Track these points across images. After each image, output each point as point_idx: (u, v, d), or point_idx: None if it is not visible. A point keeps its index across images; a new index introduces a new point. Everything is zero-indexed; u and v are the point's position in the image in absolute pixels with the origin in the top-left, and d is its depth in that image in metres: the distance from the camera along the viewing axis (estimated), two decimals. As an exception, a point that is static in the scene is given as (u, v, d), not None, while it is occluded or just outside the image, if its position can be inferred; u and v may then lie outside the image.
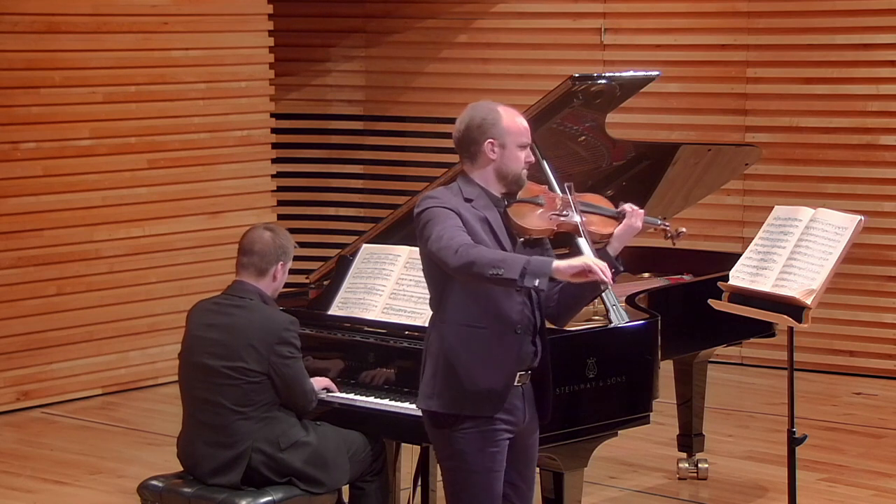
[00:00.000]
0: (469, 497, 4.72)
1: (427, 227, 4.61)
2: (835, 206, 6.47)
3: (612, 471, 7.32)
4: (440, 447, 4.78)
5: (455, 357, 4.65)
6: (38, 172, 8.72)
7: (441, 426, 4.72)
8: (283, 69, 10.32)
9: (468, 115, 4.72)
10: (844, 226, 5.36)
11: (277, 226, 5.55)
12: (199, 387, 5.40)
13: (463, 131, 4.71)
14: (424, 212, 4.65)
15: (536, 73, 9.98)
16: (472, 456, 4.69)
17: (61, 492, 7.21)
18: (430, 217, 4.61)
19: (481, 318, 4.65)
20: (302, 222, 10.79)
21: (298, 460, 5.32)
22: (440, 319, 4.71)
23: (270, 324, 5.33)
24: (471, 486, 4.71)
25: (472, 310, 4.65)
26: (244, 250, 5.43)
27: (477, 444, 4.68)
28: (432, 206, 4.64)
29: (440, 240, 4.54)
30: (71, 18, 8.82)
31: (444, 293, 4.68)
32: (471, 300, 4.64)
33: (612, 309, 5.52)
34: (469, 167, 4.75)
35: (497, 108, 4.73)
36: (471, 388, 4.65)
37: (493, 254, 4.52)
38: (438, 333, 4.70)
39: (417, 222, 4.68)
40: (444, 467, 4.79)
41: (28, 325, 8.74)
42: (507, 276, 4.44)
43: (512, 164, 4.72)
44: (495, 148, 4.69)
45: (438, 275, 4.66)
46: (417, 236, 4.70)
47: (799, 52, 9.56)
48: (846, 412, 8.64)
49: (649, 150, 6.68)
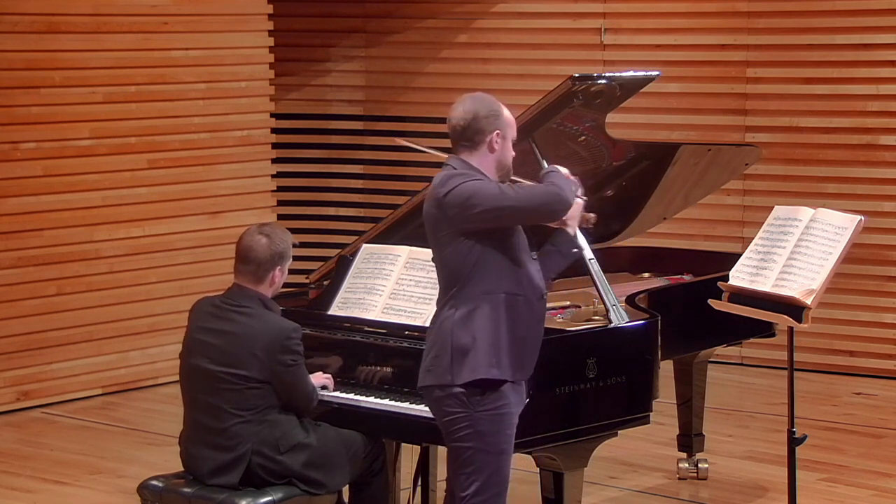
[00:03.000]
0: (485, 479, 4.78)
1: (478, 195, 4.71)
2: (835, 206, 6.47)
3: (612, 471, 7.32)
4: (460, 428, 4.80)
5: (502, 325, 4.77)
6: (38, 172, 8.72)
7: (467, 405, 4.77)
8: (283, 69, 10.32)
9: (473, 106, 4.85)
10: (844, 226, 5.37)
11: (274, 227, 5.50)
12: (199, 388, 5.39)
13: (470, 121, 4.83)
14: (458, 188, 4.73)
15: (536, 73, 9.98)
16: (493, 436, 4.78)
17: (61, 492, 7.21)
18: (476, 188, 4.73)
19: (517, 286, 4.81)
20: (302, 222, 10.79)
21: (298, 463, 5.31)
22: (481, 291, 4.77)
23: (273, 332, 5.31)
24: (488, 468, 4.78)
25: (509, 279, 4.79)
26: (241, 258, 5.40)
27: (498, 425, 4.79)
28: (466, 181, 4.75)
29: (514, 192, 4.75)
30: (71, 18, 8.82)
31: (475, 268, 4.77)
32: (506, 270, 4.79)
33: (612, 309, 5.52)
34: (467, 154, 4.86)
35: (496, 101, 4.91)
36: (516, 353, 4.79)
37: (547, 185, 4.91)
38: (478, 306, 4.77)
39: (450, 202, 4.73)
40: (459, 449, 4.82)
41: (28, 325, 8.74)
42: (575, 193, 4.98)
43: (508, 155, 4.91)
44: (499, 139, 4.85)
45: (470, 249, 4.75)
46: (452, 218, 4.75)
47: (799, 52, 9.56)
48: (846, 412, 8.64)
49: (649, 150, 6.68)
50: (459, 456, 4.83)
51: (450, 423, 4.83)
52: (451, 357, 4.78)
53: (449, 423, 4.83)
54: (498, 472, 4.82)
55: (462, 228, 4.76)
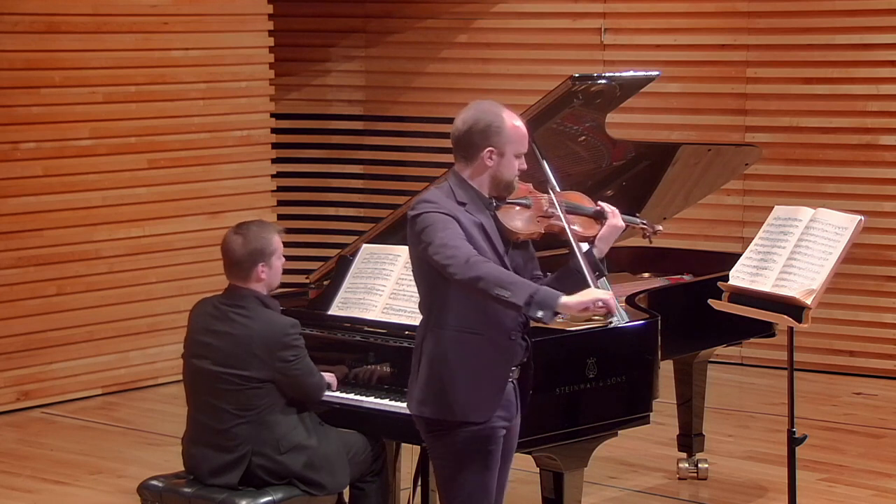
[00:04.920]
0: (466, 496, 4.69)
1: (427, 232, 4.56)
2: (835, 206, 6.46)
3: (612, 471, 7.32)
4: (435, 449, 4.75)
5: (450, 363, 4.62)
6: (38, 172, 8.72)
7: (435, 431, 4.70)
8: (283, 69, 10.32)
9: (472, 117, 4.66)
10: (844, 226, 5.36)
11: (251, 225, 5.44)
12: (201, 390, 5.40)
13: (464, 132, 4.66)
14: (421, 216, 4.59)
15: (536, 73, 9.97)
16: (470, 457, 4.67)
17: (61, 492, 7.21)
18: (430, 222, 4.57)
19: (478, 325, 4.63)
20: (302, 222, 10.79)
21: (298, 463, 5.31)
22: (436, 324, 4.66)
23: (271, 331, 5.31)
24: (468, 485, 4.69)
25: (469, 316, 4.62)
26: (223, 259, 5.41)
27: (475, 445, 4.67)
28: (430, 210, 4.59)
29: (445, 248, 4.50)
30: (71, 18, 8.82)
31: (439, 298, 4.64)
32: (469, 307, 4.60)
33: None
34: (462, 167, 4.71)
35: (501, 113, 4.67)
36: (465, 394, 4.63)
37: (502, 273, 4.50)
38: (434, 338, 4.66)
39: (413, 225, 4.62)
40: (438, 466, 4.76)
41: (28, 325, 8.74)
42: (512, 300, 4.45)
43: (506, 171, 4.70)
44: (493, 156, 4.66)
45: (435, 280, 4.61)
46: (411, 240, 4.65)
47: (799, 52, 9.56)
48: (846, 412, 8.64)
49: (649, 150, 6.68)
50: (440, 472, 4.75)
51: (428, 441, 4.78)
52: (417, 385, 4.71)
53: (427, 440, 4.78)
54: (480, 487, 4.70)
55: (420, 259, 4.65)
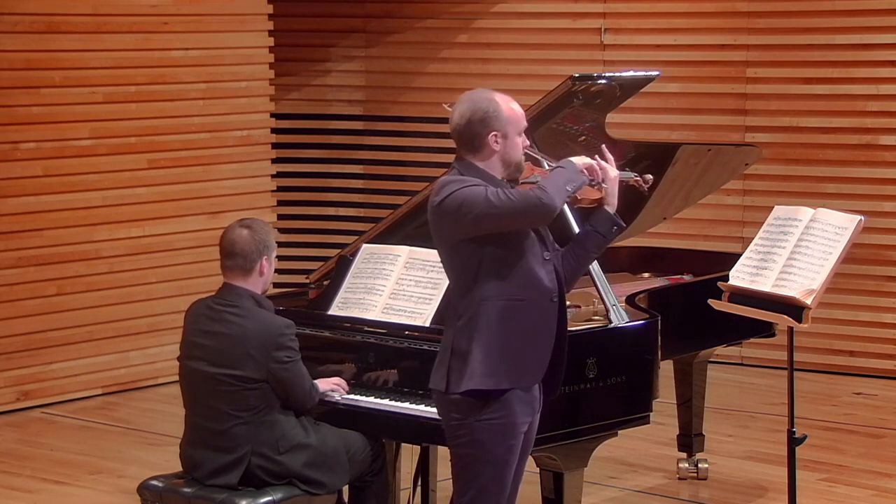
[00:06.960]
0: (480, 487, 4.73)
1: (468, 203, 4.61)
2: (835, 206, 6.46)
3: (612, 471, 7.32)
4: (459, 435, 4.76)
5: (497, 332, 4.68)
6: (38, 172, 8.72)
7: (467, 413, 4.71)
8: (283, 69, 10.32)
9: (468, 109, 4.72)
10: (844, 226, 5.36)
11: (254, 219, 5.50)
12: (198, 391, 5.39)
13: (465, 125, 4.72)
14: (451, 195, 4.65)
15: (536, 73, 9.98)
16: (492, 447, 4.71)
17: (61, 492, 7.21)
18: (466, 194, 4.63)
19: (519, 290, 4.71)
20: (302, 222, 10.80)
21: (298, 463, 5.31)
22: (479, 299, 4.69)
23: (266, 330, 5.30)
24: (484, 477, 4.73)
25: (510, 284, 4.69)
26: (225, 253, 5.40)
27: (499, 435, 4.71)
28: (458, 187, 4.65)
29: (498, 198, 4.59)
30: (71, 18, 8.82)
31: (478, 274, 4.69)
32: (508, 275, 4.68)
33: (612, 309, 5.53)
34: (470, 157, 4.77)
35: (495, 97, 4.74)
36: (514, 361, 4.69)
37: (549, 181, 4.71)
38: (476, 313, 4.69)
39: (441, 210, 4.67)
40: (458, 455, 4.78)
41: (28, 325, 8.74)
42: (580, 180, 4.78)
43: (514, 151, 4.78)
44: (499, 139, 4.73)
45: (472, 254, 4.67)
46: (442, 226, 4.70)
47: (799, 52, 9.56)
48: (846, 412, 8.64)
49: (649, 150, 6.68)
50: (458, 461, 4.79)
51: (450, 428, 4.80)
52: (449, 364, 4.73)
53: (449, 427, 4.80)
54: (496, 481, 4.75)
55: (460, 236, 4.70)
